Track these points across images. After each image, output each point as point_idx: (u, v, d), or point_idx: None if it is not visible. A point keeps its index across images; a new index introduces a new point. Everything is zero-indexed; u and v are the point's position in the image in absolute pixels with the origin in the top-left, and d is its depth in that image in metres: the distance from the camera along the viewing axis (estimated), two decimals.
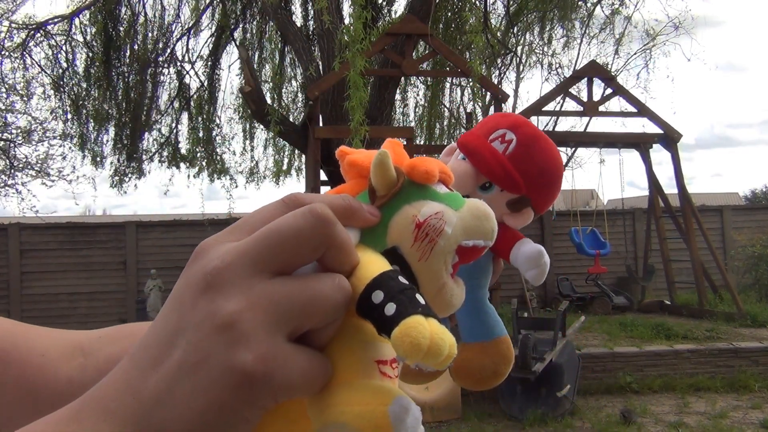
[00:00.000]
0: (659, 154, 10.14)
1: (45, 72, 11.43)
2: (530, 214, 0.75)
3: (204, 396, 0.30)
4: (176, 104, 12.64)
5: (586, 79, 9.69)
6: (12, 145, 11.19)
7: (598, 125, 23.74)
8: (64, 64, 11.52)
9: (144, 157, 12.50)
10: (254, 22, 12.51)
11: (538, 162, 0.74)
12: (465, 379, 0.74)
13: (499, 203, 0.73)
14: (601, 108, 9.73)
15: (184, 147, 12.76)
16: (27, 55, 11.09)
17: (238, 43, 12.20)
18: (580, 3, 12.30)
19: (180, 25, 12.24)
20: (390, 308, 0.33)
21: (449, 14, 11.61)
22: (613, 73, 10.78)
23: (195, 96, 12.68)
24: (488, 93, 10.82)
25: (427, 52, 9.91)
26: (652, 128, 9.79)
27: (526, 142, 0.74)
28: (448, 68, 11.13)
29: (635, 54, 13.13)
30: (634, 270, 10.76)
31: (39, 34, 11.11)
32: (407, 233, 0.38)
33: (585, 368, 6.63)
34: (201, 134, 12.55)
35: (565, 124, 18.82)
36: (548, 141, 0.77)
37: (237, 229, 0.35)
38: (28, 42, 11.00)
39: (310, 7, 11.23)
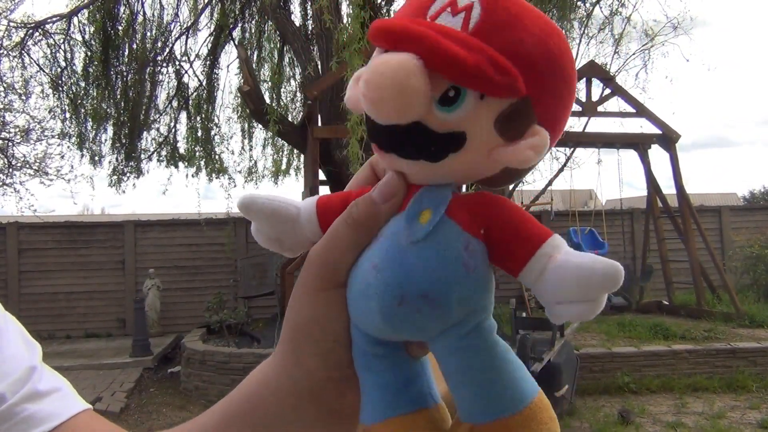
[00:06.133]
0: (657, 155, 10.13)
1: (43, 71, 11.43)
2: (543, 137, 0.40)
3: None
4: (175, 103, 12.63)
5: (584, 79, 9.69)
6: (10, 144, 11.18)
7: (597, 125, 23.74)
8: (63, 63, 11.52)
9: (142, 156, 12.49)
10: (253, 22, 12.49)
11: (531, 29, 0.40)
12: None
13: (482, 127, 0.40)
14: (600, 108, 9.73)
15: (182, 146, 12.76)
16: (25, 54, 11.08)
17: (236, 42, 12.18)
18: (579, 3, 12.28)
19: (179, 24, 12.24)
20: None
21: None
22: (611, 74, 10.77)
23: (194, 95, 12.67)
24: None
25: None
26: (651, 128, 9.80)
27: (499, 2, 0.40)
28: None
29: (634, 54, 13.11)
30: (632, 270, 10.76)
31: (37, 33, 11.10)
32: None
33: (583, 368, 6.64)
34: (199, 133, 12.54)
35: None
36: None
37: None
38: (26, 41, 10.99)
39: (308, 7, 11.22)
